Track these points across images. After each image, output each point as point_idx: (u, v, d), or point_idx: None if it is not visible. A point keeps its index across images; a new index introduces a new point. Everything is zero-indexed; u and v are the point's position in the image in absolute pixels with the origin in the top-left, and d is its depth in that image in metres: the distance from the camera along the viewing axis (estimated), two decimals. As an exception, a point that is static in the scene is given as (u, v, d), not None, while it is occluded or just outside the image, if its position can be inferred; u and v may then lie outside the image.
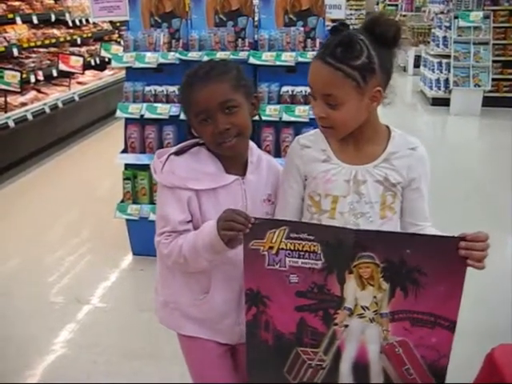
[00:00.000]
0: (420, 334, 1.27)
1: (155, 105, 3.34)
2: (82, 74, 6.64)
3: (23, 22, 6.23)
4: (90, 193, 4.79)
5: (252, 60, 3.21)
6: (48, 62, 6.66)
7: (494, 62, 8.02)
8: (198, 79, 1.41)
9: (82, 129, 6.76)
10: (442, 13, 8.90)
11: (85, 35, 7.72)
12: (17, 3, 6.20)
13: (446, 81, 8.20)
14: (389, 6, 14.59)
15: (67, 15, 7.07)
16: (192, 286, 1.52)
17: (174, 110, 3.27)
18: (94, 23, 7.91)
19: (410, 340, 1.28)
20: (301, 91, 3.24)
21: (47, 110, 5.87)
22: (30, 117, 5.53)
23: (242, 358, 1.56)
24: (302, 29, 3.27)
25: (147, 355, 2.62)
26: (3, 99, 5.28)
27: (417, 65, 10.64)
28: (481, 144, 6.90)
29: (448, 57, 8.16)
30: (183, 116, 1.52)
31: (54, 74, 6.50)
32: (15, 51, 5.94)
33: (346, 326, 1.29)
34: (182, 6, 3.39)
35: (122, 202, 3.53)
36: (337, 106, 1.32)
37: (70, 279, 3.40)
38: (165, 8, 3.40)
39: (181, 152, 1.49)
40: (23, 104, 5.65)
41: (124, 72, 3.60)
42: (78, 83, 6.87)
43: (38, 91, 6.20)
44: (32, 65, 6.32)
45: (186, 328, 1.57)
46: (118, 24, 8.54)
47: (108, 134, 6.79)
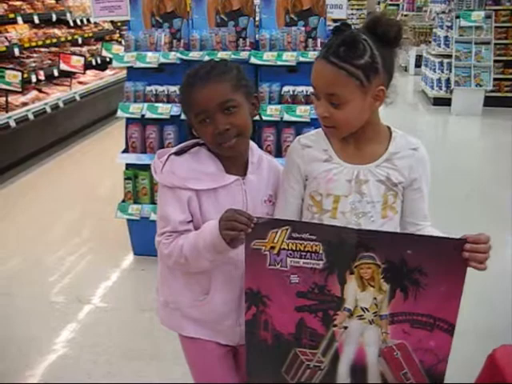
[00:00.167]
0: (419, 337, 1.26)
1: (156, 105, 3.34)
2: (83, 73, 6.64)
3: (24, 22, 6.24)
4: (90, 193, 4.79)
5: (253, 60, 3.21)
6: (49, 61, 6.67)
7: (495, 61, 8.00)
8: (197, 79, 1.40)
9: (83, 128, 6.77)
10: (443, 12, 8.89)
11: (86, 35, 7.72)
12: (18, 3, 6.21)
13: (448, 80, 8.19)
14: (390, 5, 14.57)
15: (68, 15, 7.08)
16: (192, 287, 1.51)
17: (174, 109, 3.27)
18: (95, 23, 7.93)
19: (408, 343, 1.27)
20: (302, 91, 3.23)
21: (48, 110, 5.88)
22: (31, 116, 5.54)
23: (243, 359, 1.56)
24: (303, 28, 3.26)
25: (148, 355, 2.62)
26: (4, 99, 5.29)
27: (418, 64, 10.63)
28: (482, 144, 6.89)
29: (449, 56, 8.14)
30: (184, 116, 1.51)
31: (55, 73, 6.51)
32: (16, 51, 5.95)
33: (346, 327, 1.29)
34: (183, 5, 3.39)
35: (123, 201, 3.53)
36: (340, 105, 1.32)
37: (70, 279, 3.40)
38: (166, 8, 3.40)
39: (181, 152, 1.48)
40: (24, 104, 5.65)
41: (125, 72, 3.60)
42: (79, 83, 6.88)
43: (39, 91, 6.21)
44: (33, 64, 6.33)
45: (186, 329, 1.57)
46: (119, 24, 8.56)
47: (109, 134, 6.79)
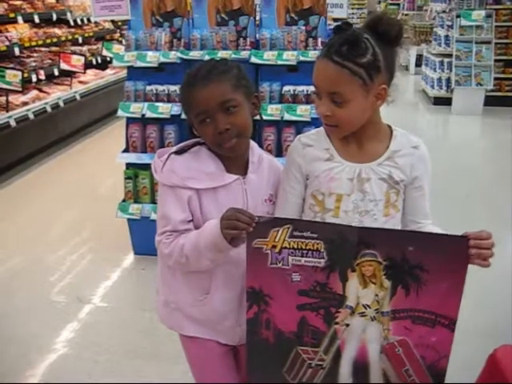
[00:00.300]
0: (420, 333, 1.27)
1: (156, 104, 3.34)
2: (84, 73, 6.64)
3: (25, 22, 6.23)
4: (91, 192, 4.78)
5: (253, 59, 3.21)
6: (49, 61, 6.67)
7: (496, 61, 7.99)
8: (198, 79, 1.40)
9: (84, 128, 6.77)
10: (443, 12, 8.88)
11: (86, 34, 7.72)
12: (18, 2, 6.20)
13: (448, 80, 8.18)
14: (391, 4, 14.56)
15: (69, 14, 7.08)
16: (192, 286, 1.51)
17: (175, 109, 3.27)
18: (95, 22, 7.93)
19: (410, 339, 1.27)
20: (302, 90, 3.23)
21: (49, 110, 5.88)
22: (31, 116, 5.54)
23: (243, 359, 1.56)
24: (303, 28, 3.26)
25: (148, 354, 2.62)
26: (5, 98, 5.29)
27: (418, 64, 10.61)
28: (482, 143, 6.89)
29: (450, 56, 8.14)
30: (184, 115, 1.51)
31: (56, 73, 6.51)
32: (17, 50, 5.95)
33: (347, 324, 1.29)
34: (184, 5, 3.38)
35: (124, 201, 3.53)
36: (342, 103, 1.32)
37: (71, 278, 3.40)
38: (166, 7, 3.39)
39: (181, 151, 1.48)
40: (25, 103, 5.65)
41: (125, 71, 3.60)
42: (80, 82, 6.88)
43: (40, 90, 6.20)
44: (33, 64, 6.33)
45: (186, 328, 1.57)
46: (119, 23, 8.55)
47: (109, 134, 6.79)
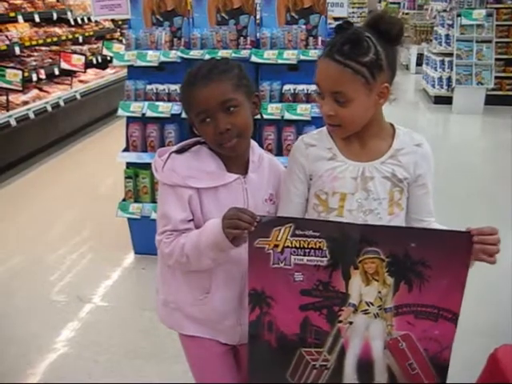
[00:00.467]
0: (423, 327, 1.27)
1: (157, 103, 3.34)
2: (84, 72, 6.64)
3: (25, 21, 6.23)
4: (91, 191, 4.78)
5: (254, 58, 3.20)
6: (50, 60, 6.66)
7: (496, 60, 7.98)
8: (199, 78, 1.39)
9: (84, 127, 6.77)
10: (444, 11, 8.87)
11: (87, 34, 7.71)
12: (18, 2, 6.20)
13: (449, 79, 8.17)
14: (391, 3, 14.56)
15: (69, 13, 7.08)
16: (193, 286, 1.51)
17: (175, 108, 3.27)
18: (95, 21, 7.92)
19: (413, 333, 1.28)
20: (303, 89, 3.22)
21: (49, 109, 5.88)
22: (31, 115, 5.54)
23: (243, 359, 1.56)
24: (303, 27, 3.25)
25: (149, 354, 2.62)
26: (5, 98, 5.28)
27: (419, 63, 10.61)
28: (483, 142, 6.88)
29: (450, 55, 8.13)
30: (185, 114, 1.51)
31: (56, 72, 6.51)
32: (17, 50, 5.94)
33: (351, 322, 1.29)
34: (184, 4, 3.38)
35: (124, 200, 3.53)
36: (345, 102, 1.32)
37: (71, 278, 3.40)
38: (166, 6, 3.39)
39: (182, 150, 1.48)
40: (25, 102, 5.65)
41: (126, 70, 3.60)
42: (80, 82, 6.87)
43: (40, 90, 6.20)
44: (34, 63, 6.32)
45: (186, 328, 1.57)
46: (119, 22, 8.55)
47: (110, 133, 6.79)
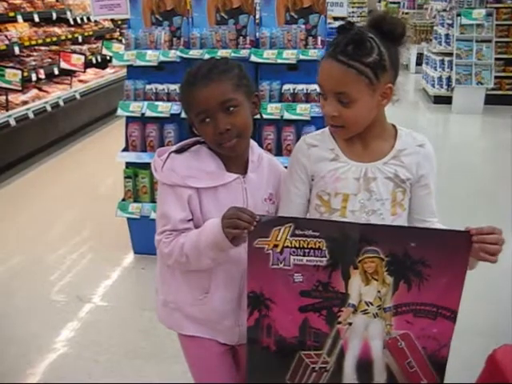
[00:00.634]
0: (422, 325, 1.27)
1: (156, 103, 3.33)
2: (84, 72, 6.63)
3: (24, 21, 6.23)
4: (91, 191, 4.78)
5: (253, 58, 3.20)
6: (49, 60, 6.66)
7: (496, 59, 7.98)
8: (198, 78, 1.39)
9: (84, 127, 6.76)
10: (444, 10, 8.87)
11: (86, 33, 7.71)
12: (18, 1, 6.19)
13: (448, 79, 8.17)
14: (391, 3, 14.54)
15: (68, 13, 7.07)
16: (192, 286, 1.51)
17: (175, 108, 3.27)
18: (95, 21, 7.91)
19: (412, 332, 1.28)
20: (302, 89, 3.22)
21: (48, 109, 5.87)
22: (31, 115, 5.53)
23: (242, 359, 1.56)
24: (303, 26, 3.25)
25: (148, 354, 2.61)
26: (4, 97, 5.28)
27: (419, 63, 10.60)
28: (483, 142, 6.88)
29: (450, 54, 8.13)
30: (184, 114, 1.51)
31: (56, 72, 6.50)
32: (16, 49, 5.94)
33: (350, 323, 1.29)
34: (183, 3, 3.38)
35: (123, 200, 3.52)
36: (349, 103, 1.31)
37: (71, 278, 3.40)
38: (166, 6, 3.39)
39: (181, 150, 1.48)
40: (24, 102, 5.65)
41: (125, 70, 3.60)
42: (80, 81, 6.87)
43: (40, 89, 6.20)
44: (33, 63, 6.32)
45: (185, 328, 1.56)
46: (119, 22, 8.54)
47: (109, 133, 6.79)
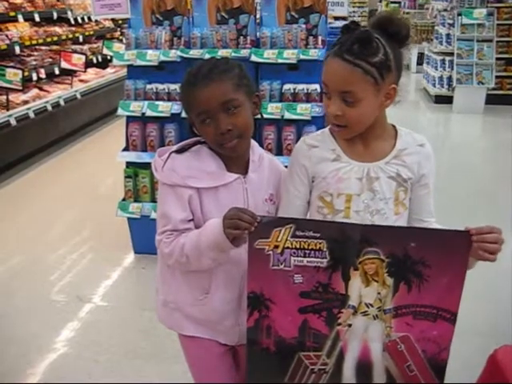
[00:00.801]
0: (422, 328, 1.27)
1: (157, 103, 3.33)
2: (84, 71, 6.64)
3: (25, 20, 6.23)
4: (91, 191, 4.78)
5: (254, 58, 3.19)
6: (50, 59, 6.66)
7: (497, 59, 7.98)
8: (199, 78, 1.38)
9: (84, 127, 6.77)
10: (445, 10, 8.86)
11: (87, 33, 7.71)
12: (19, 1, 6.19)
13: (449, 78, 8.17)
14: (392, 3, 14.51)
15: (69, 13, 7.07)
16: (192, 286, 1.50)
17: (175, 107, 3.26)
18: (96, 21, 7.91)
19: (411, 334, 1.27)
20: (303, 89, 3.22)
21: (49, 108, 5.87)
22: (31, 115, 5.53)
23: (242, 359, 1.56)
24: (303, 26, 3.24)
25: (148, 354, 2.61)
26: (5, 97, 5.28)
27: (420, 62, 10.59)
28: (484, 142, 6.87)
29: (451, 54, 8.13)
30: (184, 114, 1.51)
31: (56, 71, 6.51)
32: (17, 49, 5.94)
33: (350, 325, 1.29)
34: (184, 3, 3.37)
35: (124, 200, 3.52)
36: (354, 103, 1.31)
37: (71, 278, 3.39)
38: (166, 5, 3.38)
39: (182, 150, 1.47)
40: (25, 102, 5.65)
41: (126, 70, 3.59)
42: (80, 81, 6.87)
43: (40, 89, 6.20)
44: (34, 63, 6.32)
45: (186, 328, 1.56)
46: (120, 22, 8.54)
47: (110, 132, 6.79)
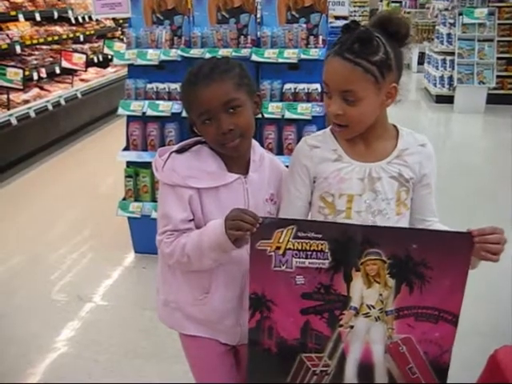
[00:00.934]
0: (423, 329, 1.26)
1: (157, 102, 3.33)
2: (85, 71, 6.64)
3: (26, 20, 6.23)
4: (92, 190, 4.78)
5: (254, 57, 3.19)
6: (51, 59, 6.66)
7: (498, 59, 7.98)
8: (200, 78, 1.38)
9: (85, 126, 6.77)
10: (446, 9, 8.85)
11: (87, 32, 7.71)
12: (19, 0, 6.20)
13: (450, 78, 8.16)
14: (393, 2, 14.50)
15: (70, 12, 7.07)
16: (193, 286, 1.50)
17: (175, 107, 3.26)
18: (96, 20, 7.92)
19: (413, 336, 1.27)
20: (303, 88, 3.22)
21: (50, 108, 5.87)
22: (32, 114, 5.53)
23: (243, 359, 1.56)
24: (304, 26, 3.24)
25: (149, 354, 2.61)
26: (6, 96, 5.28)
27: (421, 62, 10.58)
28: (484, 141, 6.87)
29: (452, 54, 8.12)
30: (185, 114, 1.50)
31: (57, 71, 6.51)
32: (18, 48, 5.94)
33: (352, 327, 1.28)
34: (184, 2, 3.37)
35: (124, 199, 3.52)
36: (355, 102, 1.31)
37: (71, 277, 3.39)
38: (167, 5, 3.38)
39: (182, 150, 1.47)
40: (26, 101, 5.65)
41: (126, 69, 3.59)
42: (81, 80, 6.88)
43: (41, 88, 6.20)
44: (35, 62, 6.33)
45: (186, 328, 1.56)
46: (120, 21, 8.54)
47: (110, 132, 6.79)
